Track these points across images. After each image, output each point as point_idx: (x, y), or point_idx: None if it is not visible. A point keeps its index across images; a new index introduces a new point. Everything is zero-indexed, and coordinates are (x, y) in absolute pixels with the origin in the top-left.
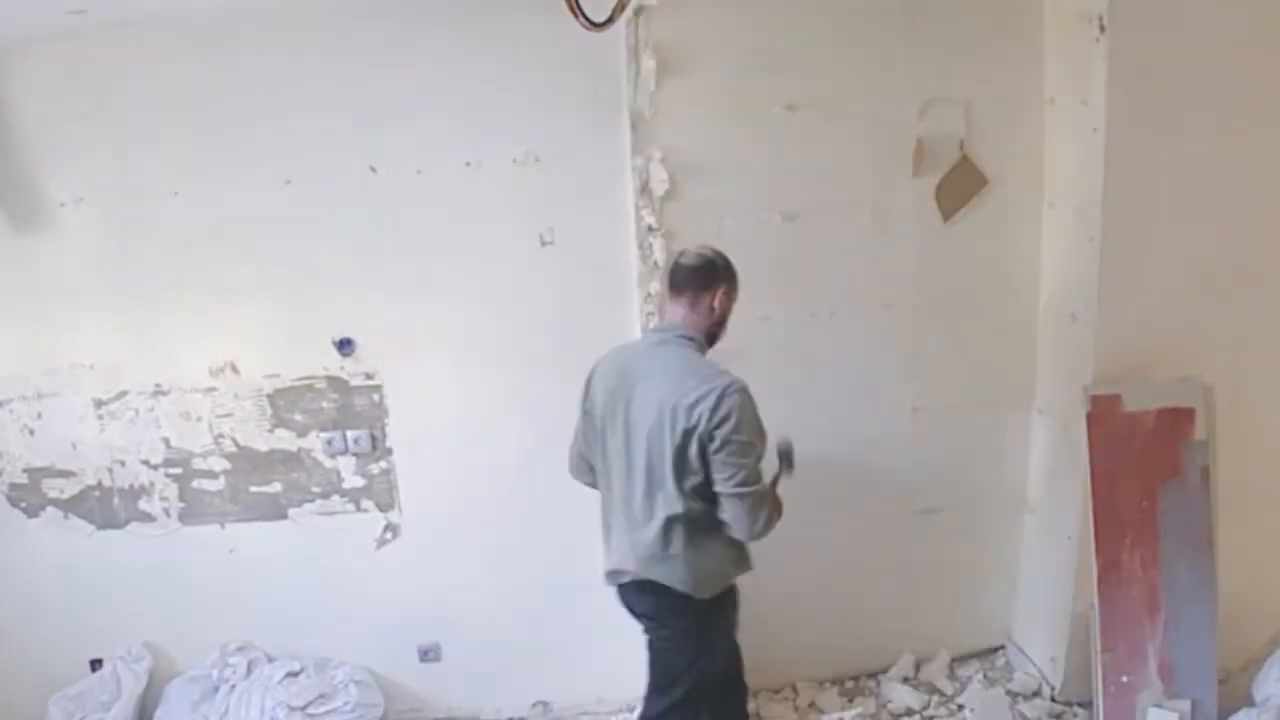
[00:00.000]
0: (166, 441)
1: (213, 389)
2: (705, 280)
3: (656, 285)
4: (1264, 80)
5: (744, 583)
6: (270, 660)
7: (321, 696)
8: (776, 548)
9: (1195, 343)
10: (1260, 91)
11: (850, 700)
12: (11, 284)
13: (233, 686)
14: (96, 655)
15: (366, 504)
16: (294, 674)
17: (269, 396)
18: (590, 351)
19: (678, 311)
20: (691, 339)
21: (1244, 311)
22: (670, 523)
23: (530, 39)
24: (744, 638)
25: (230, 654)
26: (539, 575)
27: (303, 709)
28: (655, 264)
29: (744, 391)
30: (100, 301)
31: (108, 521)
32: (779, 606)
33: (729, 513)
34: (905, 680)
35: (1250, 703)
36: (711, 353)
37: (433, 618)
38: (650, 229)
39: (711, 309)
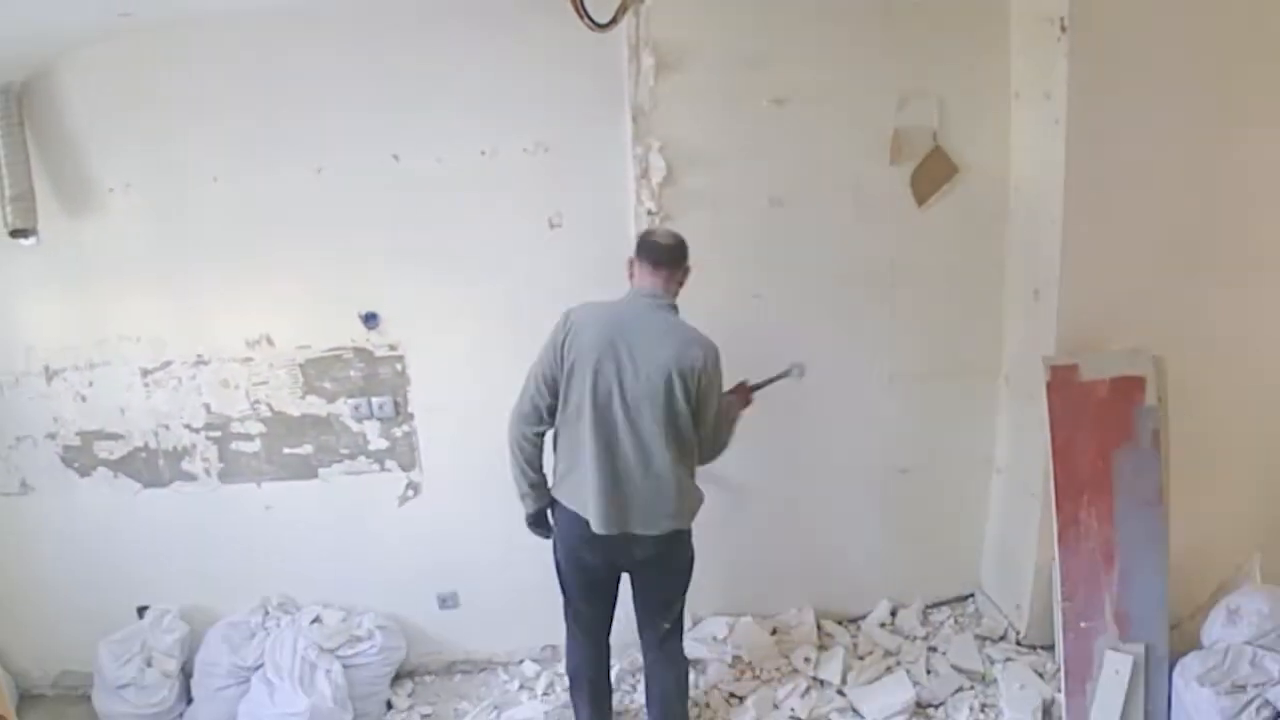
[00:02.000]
0: (207, 407)
1: (249, 359)
2: (680, 258)
3: None
4: (1211, 77)
5: (734, 536)
6: (300, 608)
7: (350, 640)
8: (764, 503)
9: (1148, 317)
10: (1208, 88)
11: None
12: (65, 263)
13: (268, 632)
14: (142, 602)
15: (390, 464)
16: (322, 619)
17: (301, 366)
18: None
19: (657, 282)
20: (674, 306)
21: (1191, 289)
22: (679, 465)
23: (540, 38)
24: (733, 584)
25: (270, 604)
26: None
27: (333, 651)
28: None
29: (717, 350)
30: (146, 279)
31: (153, 480)
32: (766, 556)
33: (712, 439)
34: (882, 625)
35: (1199, 646)
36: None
37: (451, 568)
38: (649, 212)
39: (680, 283)
